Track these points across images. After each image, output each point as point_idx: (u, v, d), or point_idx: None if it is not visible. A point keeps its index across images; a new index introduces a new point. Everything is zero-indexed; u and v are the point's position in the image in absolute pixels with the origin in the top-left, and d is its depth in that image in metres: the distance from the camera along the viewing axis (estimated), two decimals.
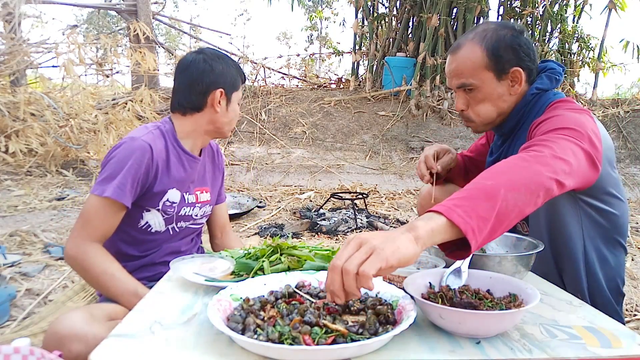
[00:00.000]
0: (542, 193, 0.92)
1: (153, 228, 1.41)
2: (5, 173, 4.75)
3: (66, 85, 5.72)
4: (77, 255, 1.25)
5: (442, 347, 0.74)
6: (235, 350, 0.71)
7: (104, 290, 1.25)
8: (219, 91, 1.44)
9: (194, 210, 1.50)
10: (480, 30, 1.34)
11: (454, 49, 1.36)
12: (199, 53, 1.46)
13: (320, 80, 9.01)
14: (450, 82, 1.37)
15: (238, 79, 1.50)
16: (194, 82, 1.42)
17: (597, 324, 0.84)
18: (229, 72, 1.47)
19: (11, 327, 1.85)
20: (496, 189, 0.86)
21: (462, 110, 1.39)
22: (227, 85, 1.46)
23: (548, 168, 0.95)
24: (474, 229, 0.80)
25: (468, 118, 1.39)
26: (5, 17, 5.75)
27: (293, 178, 5.32)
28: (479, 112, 1.36)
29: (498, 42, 1.30)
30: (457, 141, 6.31)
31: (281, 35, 23.13)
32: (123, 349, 0.71)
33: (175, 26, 11.25)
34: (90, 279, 1.27)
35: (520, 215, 0.89)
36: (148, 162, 1.32)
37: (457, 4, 7.01)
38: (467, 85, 1.33)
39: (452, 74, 1.36)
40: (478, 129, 1.42)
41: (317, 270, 1.00)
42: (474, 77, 1.32)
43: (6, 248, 2.77)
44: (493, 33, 1.32)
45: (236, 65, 1.51)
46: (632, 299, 2.22)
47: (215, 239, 1.71)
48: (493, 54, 1.30)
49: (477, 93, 1.34)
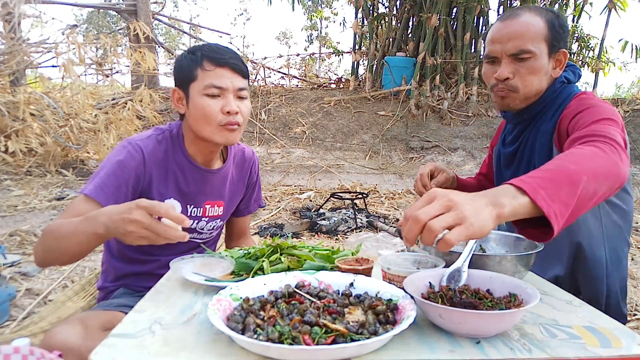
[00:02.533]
0: (617, 185, 0.92)
1: None
2: (5, 173, 4.75)
3: (66, 85, 5.72)
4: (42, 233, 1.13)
5: (442, 347, 0.74)
6: (235, 350, 0.71)
7: (73, 237, 1.04)
8: (173, 90, 1.31)
9: (198, 224, 1.40)
10: (533, 7, 1.29)
11: (509, 16, 1.27)
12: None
13: (320, 80, 9.01)
14: (504, 46, 1.25)
15: (194, 66, 1.26)
16: None
17: (597, 323, 0.84)
18: (181, 65, 1.29)
19: (11, 327, 1.85)
20: (579, 175, 0.84)
21: (506, 79, 1.27)
22: (179, 80, 1.30)
23: (621, 160, 0.95)
24: (557, 213, 0.78)
25: (514, 87, 1.28)
26: (5, 16, 5.75)
27: (293, 178, 5.32)
28: (527, 82, 1.27)
29: (555, 19, 1.27)
30: (456, 141, 6.31)
31: (281, 35, 23.14)
32: (123, 349, 0.71)
33: (175, 26, 11.25)
34: (56, 240, 1.08)
35: (593, 205, 0.88)
36: (138, 167, 1.25)
37: (456, 3, 7.01)
38: (525, 51, 1.23)
39: (508, 38, 1.24)
40: (515, 102, 1.31)
41: (317, 270, 1.00)
42: (533, 45, 1.24)
43: (6, 248, 2.77)
44: (548, 10, 1.28)
45: (192, 53, 1.28)
46: (632, 299, 2.22)
47: (230, 241, 1.65)
48: (552, 28, 1.26)
49: (532, 62, 1.25)
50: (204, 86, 1.24)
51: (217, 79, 1.24)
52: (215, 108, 1.24)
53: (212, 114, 1.24)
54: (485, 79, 1.35)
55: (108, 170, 1.22)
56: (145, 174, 1.27)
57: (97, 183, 1.19)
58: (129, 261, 1.38)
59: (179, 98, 1.31)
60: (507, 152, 1.43)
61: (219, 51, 1.27)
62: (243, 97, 1.29)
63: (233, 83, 1.26)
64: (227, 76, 1.25)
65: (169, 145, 1.33)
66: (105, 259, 1.44)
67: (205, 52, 1.26)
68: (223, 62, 1.25)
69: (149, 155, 1.28)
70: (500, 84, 1.29)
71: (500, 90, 1.30)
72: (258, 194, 1.61)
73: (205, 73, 1.24)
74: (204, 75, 1.24)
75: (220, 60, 1.25)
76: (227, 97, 1.25)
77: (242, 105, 1.28)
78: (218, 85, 1.24)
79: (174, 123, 1.38)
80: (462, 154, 6.12)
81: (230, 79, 1.25)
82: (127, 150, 1.26)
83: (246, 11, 28.52)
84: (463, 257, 0.96)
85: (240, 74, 1.28)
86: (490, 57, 1.29)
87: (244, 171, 1.51)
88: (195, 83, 1.25)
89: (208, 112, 1.24)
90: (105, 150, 4.99)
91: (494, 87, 1.31)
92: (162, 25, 15.33)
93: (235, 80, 1.26)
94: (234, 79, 1.26)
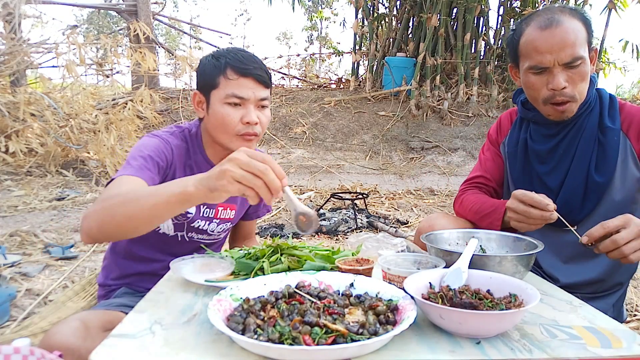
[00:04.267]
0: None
1: (160, 229, 1.34)
2: (5, 173, 4.75)
3: (66, 86, 5.73)
4: (87, 214, 1.00)
5: (442, 347, 0.74)
6: (235, 351, 0.71)
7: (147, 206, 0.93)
8: (194, 93, 1.32)
9: (209, 226, 1.39)
10: (566, 10, 1.27)
11: (550, 24, 1.22)
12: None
13: (320, 80, 9.02)
14: (556, 56, 1.21)
15: (217, 73, 1.24)
16: None
17: (597, 324, 0.84)
18: (204, 70, 1.28)
19: (11, 327, 1.85)
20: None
21: (563, 88, 1.24)
22: (201, 85, 1.29)
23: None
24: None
25: (571, 96, 1.25)
26: (6, 17, 5.75)
27: (293, 178, 5.32)
28: (581, 89, 1.25)
29: (586, 18, 1.26)
30: (457, 141, 6.31)
31: (281, 36, 23.16)
32: (123, 349, 0.71)
33: (175, 26, 11.26)
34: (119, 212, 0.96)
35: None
36: (168, 158, 1.24)
37: (457, 4, 7.02)
38: (578, 58, 1.21)
39: (559, 47, 1.21)
40: (573, 111, 1.28)
41: (317, 270, 1.00)
42: (582, 50, 1.21)
43: (6, 248, 2.77)
44: (577, 10, 1.27)
45: (216, 59, 1.26)
46: (632, 299, 2.22)
47: (235, 243, 1.65)
48: (588, 28, 1.25)
49: (583, 67, 1.23)
50: (225, 95, 1.23)
51: (239, 89, 1.23)
52: (235, 118, 1.24)
53: (231, 123, 1.24)
54: (534, 91, 1.29)
55: (144, 154, 1.19)
56: (171, 167, 1.27)
57: (138, 165, 1.16)
58: (134, 260, 1.38)
59: (199, 102, 1.30)
60: (542, 149, 1.39)
61: (244, 60, 1.25)
62: (264, 106, 1.29)
63: (255, 93, 1.25)
64: (250, 86, 1.24)
65: (189, 144, 1.34)
66: (109, 256, 1.44)
67: (229, 60, 1.24)
68: (247, 72, 1.23)
69: (175, 149, 1.29)
70: (558, 94, 1.24)
71: (560, 102, 1.26)
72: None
73: (228, 82, 1.23)
74: (226, 84, 1.23)
75: (245, 70, 1.23)
76: (248, 107, 1.24)
77: (262, 115, 1.28)
78: (240, 95, 1.23)
79: (192, 123, 1.38)
80: (463, 154, 6.12)
81: (253, 90, 1.24)
82: (160, 140, 1.26)
83: (246, 11, 28.53)
84: (463, 258, 0.96)
85: (264, 84, 1.27)
86: (540, 68, 1.24)
87: None
88: (216, 90, 1.25)
89: (227, 122, 1.23)
90: (105, 151, 4.99)
91: (550, 99, 1.26)
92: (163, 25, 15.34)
93: (258, 91, 1.25)
94: (256, 89, 1.25)
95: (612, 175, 1.28)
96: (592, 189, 1.30)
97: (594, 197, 1.30)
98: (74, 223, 3.42)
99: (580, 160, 1.31)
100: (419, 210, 4.20)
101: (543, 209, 1.12)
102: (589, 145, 1.31)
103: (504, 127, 1.53)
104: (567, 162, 1.34)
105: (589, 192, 1.30)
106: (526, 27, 1.27)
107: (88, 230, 1.00)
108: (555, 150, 1.36)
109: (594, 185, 1.29)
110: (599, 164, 1.30)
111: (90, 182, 4.83)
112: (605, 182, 1.28)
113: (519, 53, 1.30)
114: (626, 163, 1.28)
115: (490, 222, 1.30)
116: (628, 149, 1.29)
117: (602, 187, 1.29)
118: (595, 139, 1.31)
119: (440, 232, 1.24)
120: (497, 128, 1.56)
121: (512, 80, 6.95)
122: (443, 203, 4.51)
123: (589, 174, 1.30)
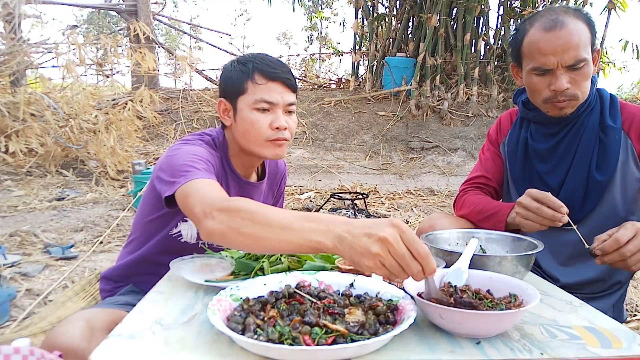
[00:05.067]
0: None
1: (183, 238, 1.31)
2: (6, 173, 4.75)
3: (66, 86, 5.72)
4: (219, 227, 0.90)
5: (442, 347, 0.74)
6: (235, 351, 0.71)
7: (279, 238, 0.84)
8: (219, 101, 1.30)
9: None
10: (569, 11, 1.27)
11: (554, 26, 1.22)
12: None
13: (320, 80, 9.02)
14: (560, 58, 1.22)
15: (244, 79, 1.23)
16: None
17: (597, 324, 0.84)
18: (230, 76, 1.27)
19: (11, 328, 1.85)
20: None
21: (566, 89, 1.25)
22: (227, 92, 1.28)
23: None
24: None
25: (573, 95, 1.26)
26: (6, 17, 5.75)
27: (293, 178, 5.32)
28: (584, 88, 1.27)
29: (589, 19, 1.27)
30: (457, 141, 6.31)
31: (281, 36, 23.16)
32: (123, 349, 0.71)
33: (175, 26, 11.26)
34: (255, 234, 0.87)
35: None
36: (215, 166, 1.20)
37: (457, 4, 7.02)
38: (582, 60, 1.22)
39: (563, 49, 1.21)
40: (574, 109, 1.30)
41: (317, 270, 1.00)
42: (585, 52, 1.23)
43: (6, 248, 2.77)
44: (580, 11, 1.28)
45: (242, 64, 1.25)
46: (632, 299, 2.22)
47: None
48: (591, 30, 1.26)
49: (586, 68, 1.24)
50: (254, 100, 1.21)
51: (268, 93, 1.21)
52: (265, 123, 1.22)
53: (261, 129, 1.22)
54: (536, 91, 1.30)
55: (204, 159, 1.14)
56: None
57: (205, 169, 1.10)
58: (149, 264, 1.34)
59: (225, 110, 1.28)
60: (543, 147, 1.39)
61: (272, 64, 1.23)
62: (292, 111, 1.27)
63: (284, 98, 1.23)
64: (279, 91, 1.23)
65: (219, 152, 1.31)
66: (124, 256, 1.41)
67: (257, 64, 1.22)
68: (275, 77, 1.22)
69: (213, 159, 1.24)
70: (559, 95, 1.26)
71: (561, 101, 1.27)
72: (281, 203, 1.60)
73: (257, 87, 1.22)
74: (254, 89, 1.22)
75: (273, 75, 1.22)
76: (277, 112, 1.23)
77: (290, 120, 1.27)
78: (269, 100, 1.21)
79: (216, 131, 1.35)
80: (463, 155, 6.12)
81: (281, 94, 1.23)
82: (205, 148, 1.22)
83: (246, 12, 28.52)
84: (464, 258, 0.96)
85: (291, 88, 1.26)
86: (544, 70, 1.25)
87: (274, 183, 1.51)
88: (244, 96, 1.23)
89: (257, 127, 1.21)
90: (105, 151, 4.99)
91: (551, 99, 1.28)
92: (163, 25, 15.34)
93: (286, 95, 1.24)
94: (284, 94, 1.24)
95: (613, 175, 1.28)
96: (593, 188, 1.30)
97: (595, 196, 1.30)
98: (74, 223, 3.42)
99: (581, 159, 1.32)
100: (418, 211, 4.20)
101: (556, 209, 1.12)
102: (590, 144, 1.31)
103: (504, 127, 1.53)
104: (568, 161, 1.34)
105: (590, 191, 1.30)
106: (530, 27, 1.27)
107: (215, 231, 0.91)
108: (556, 149, 1.36)
109: (594, 184, 1.29)
110: (600, 163, 1.30)
111: (90, 182, 4.83)
112: (606, 181, 1.28)
113: (522, 54, 1.30)
114: (627, 162, 1.29)
115: (494, 224, 1.30)
116: (629, 148, 1.29)
117: (603, 186, 1.29)
118: (596, 137, 1.31)
119: (440, 232, 1.24)
120: (497, 128, 1.56)
121: (512, 80, 6.96)
122: (443, 203, 4.51)
123: (590, 173, 1.30)
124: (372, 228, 0.74)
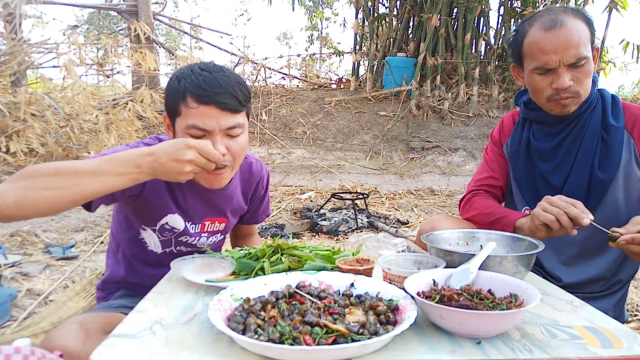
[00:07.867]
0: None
1: (149, 246, 1.32)
2: (6, 173, 4.75)
3: (67, 86, 5.73)
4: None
5: (443, 347, 0.74)
6: (235, 351, 0.71)
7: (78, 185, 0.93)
8: (164, 116, 1.20)
9: (199, 240, 1.35)
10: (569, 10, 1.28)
11: (554, 25, 1.24)
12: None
13: (320, 80, 9.02)
14: (562, 56, 1.23)
15: (178, 100, 1.10)
16: None
17: (598, 324, 0.84)
18: (168, 94, 1.15)
19: (12, 327, 1.85)
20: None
21: (568, 86, 1.26)
22: (167, 109, 1.17)
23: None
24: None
25: (576, 93, 1.27)
26: (6, 17, 5.75)
27: (293, 178, 5.32)
28: (585, 86, 1.28)
29: (588, 18, 1.28)
30: (457, 141, 6.30)
31: (281, 36, 23.15)
32: (123, 349, 0.71)
33: (175, 26, 11.25)
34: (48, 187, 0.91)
35: None
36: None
37: (457, 4, 7.01)
38: (583, 58, 1.23)
39: (564, 48, 1.22)
40: (576, 106, 1.31)
41: (317, 270, 1.00)
42: (586, 50, 1.24)
43: (7, 248, 2.77)
44: (578, 11, 1.29)
45: (178, 81, 1.11)
46: (633, 299, 2.22)
47: (236, 240, 1.62)
48: (590, 28, 1.27)
49: (587, 66, 1.25)
50: (186, 126, 1.09)
51: (200, 119, 1.08)
52: None
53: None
54: (538, 90, 1.31)
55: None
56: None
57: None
58: (135, 272, 1.36)
59: (168, 125, 1.19)
60: (545, 147, 1.39)
61: (204, 85, 1.09)
62: (234, 135, 1.13)
63: (219, 123, 1.09)
64: (213, 115, 1.09)
65: None
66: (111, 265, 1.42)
67: (189, 85, 1.09)
68: (207, 100, 1.08)
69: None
70: (562, 92, 1.26)
71: (564, 98, 1.27)
72: (266, 207, 1.56)
73: (189, 111, 1.09)
74: (187, 113, 1.10)
75: (204, 98, 1.08)
76: (214, 137, 1.10)
77: (233, 143, 1.13)
78: (201, 127, 1.09)
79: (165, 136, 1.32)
80: (463, 155, 6.12)
81: (217, 119, 1.09)
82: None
83: (247, 12, 28.49)
84: (477, 259, 0.95)
85: (231, 110, 1.11)
86: (546, 69, 1.26)
87: (248, 187, 1.43)
88: (179, 119, 1.12)
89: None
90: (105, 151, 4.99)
91: (553, 97, 1.28)
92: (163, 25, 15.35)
93: (223, 120, 1.10)
94: (220, 118, 1.09)
95: (615, 173, 1.28)
96: (596, 187, 1.30)
97: (597, 194, 1.30)
98: (74, 223, 3.43)
99: (583, 158, 1.32)
100: (419, 210, 4.20)
101: (583, 211, 1.09)
102: (592, 143, 1.32)
103: (506, 128, 1.54)
104: (571, 160, 1.35)
105: (592, 189, 1.30)
106: (530, 27, 1.28)
107: (2, 202, 0.87)
108: (559, 148, 1.37)
109: (597, 183, 1.29)
110: (603, 162, 1.30)
111: None
112: (608, 180, 1.28)
113: (523, 54, 1.31)
114: (630, 162, 1.29)
115: (502, 227, 1.29)
116: (632, 148, 1.30)
117: (606, 184, 1.29)
118: (598, 136, 1.32)
119: (440, 232, 1.24)
120: (499, 129, 1.57)
121: (512, 80, 6.95)
122: (443, 203, 4.51)
123: (593, 171, 1.30)
124: (175, 154, 0.96)
